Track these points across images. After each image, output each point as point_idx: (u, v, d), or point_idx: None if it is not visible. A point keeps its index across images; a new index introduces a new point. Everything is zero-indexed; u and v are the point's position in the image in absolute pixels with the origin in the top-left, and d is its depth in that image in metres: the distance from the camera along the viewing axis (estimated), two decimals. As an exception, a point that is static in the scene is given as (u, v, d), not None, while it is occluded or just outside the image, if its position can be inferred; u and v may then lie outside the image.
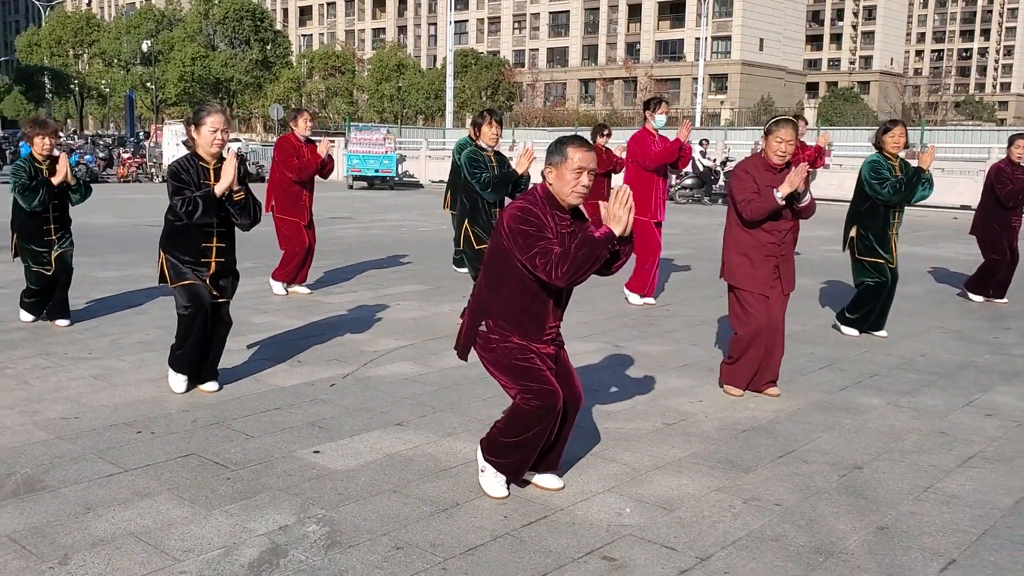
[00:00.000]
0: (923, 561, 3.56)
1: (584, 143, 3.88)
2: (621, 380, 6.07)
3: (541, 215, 3.82)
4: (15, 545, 3.52)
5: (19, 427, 4.86)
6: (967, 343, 7.46)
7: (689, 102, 70.61)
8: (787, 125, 5.56)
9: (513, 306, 3.93)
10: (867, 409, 5.55)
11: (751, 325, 5.64)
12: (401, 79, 70.26)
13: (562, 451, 4.23)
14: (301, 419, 5.12)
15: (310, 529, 3.72)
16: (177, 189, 5.22)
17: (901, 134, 7.22)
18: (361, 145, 29.08)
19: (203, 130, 5.30)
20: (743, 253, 5.64)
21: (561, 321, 4.09)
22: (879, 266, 7.32)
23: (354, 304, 8.59)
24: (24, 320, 7.39)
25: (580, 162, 3.79)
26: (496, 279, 3.94)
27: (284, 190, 8.93)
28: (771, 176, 5.54)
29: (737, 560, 3.54)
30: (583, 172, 3.80)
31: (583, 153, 3.81)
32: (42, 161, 7.06)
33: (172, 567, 3.38)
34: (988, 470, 4.56)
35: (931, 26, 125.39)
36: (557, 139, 3.96)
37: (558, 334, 4.11)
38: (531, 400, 3.87)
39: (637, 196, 8.51)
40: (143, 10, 80.00)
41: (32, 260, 7.18)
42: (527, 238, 3.76)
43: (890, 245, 7.31)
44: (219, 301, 5.52)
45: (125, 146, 38.05)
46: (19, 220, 7.18)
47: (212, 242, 5.40)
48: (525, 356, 3.93)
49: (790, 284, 5.72)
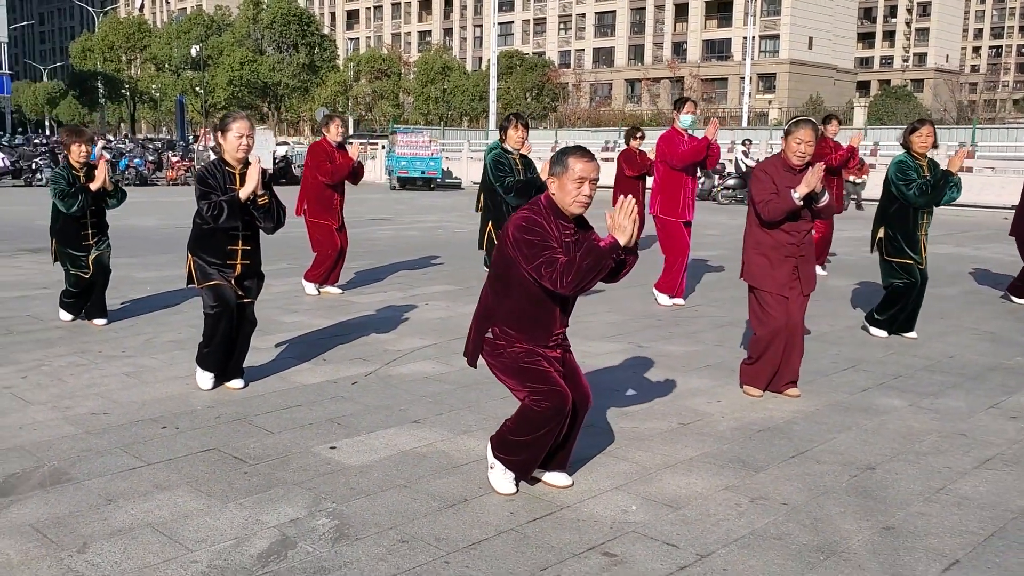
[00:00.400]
0: (926, 561, 3.55)
1: (586, 153, 3.93)
2: (641, 380, 6.10)
3: (545, 224, 3.88)
4: (37, 534, 3.67)
5: (50, 422, 5.04)
6: (998, 345, 7.35)
7: (736, 102, 70.00)
8: (806, 126, 5.55)
9: (519, 313, 3.99)
10: (887, 410, 5.51)
11: (770, 325, 5.64)
12: (446, 81, 70.65)
13: (571, 450, 4.29)
14: (321, 416, 5.24)
15: (320, 522, 3.82)
16: (204, 193, 5.38)
17: (928, 134, 7.14)
18: (408, 148, 29.70)
19: (229, 136, 5.45)
20: (762, 254, 5.64)
21: (567, 327, 4.16)
22: (908, 267, 7.25)
23: (383, 304, 8.72)
24: (63, 319, 7.62)
25: (581, 172, 3.85)
26: (502, 287, 4.01)
27: (316, 194, 9.09)
28: (790, 177, 5.53)
29: (737, 557, 3.57)
30: (584, 182, 3.85)
31: (584, 163, 3.86)
32: (79, 168, 7.27)
33: (184, 556, 3.50)
34: (1005, 472, 4.51)
35: (988, 22, 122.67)
36: (559, 150, 4.02)
37: (564, 338, 4.18)
38: (541, 402, 3.93)
39: (665, 196, 8.64)
40: (193, 15, 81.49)
41: (71, 264, 7.40)
42: (532, 247, 3.82)
43: (919, 246, 7.23)
44: (244, 301, 5.66)
45: (174, 150, 38.80)
46: (58, 225, 7.41)
47: (238, 245, 5.55)
48: (532, 359, 3.99)
49: (810, 285, 5.70)
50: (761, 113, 71.25)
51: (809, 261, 5.70)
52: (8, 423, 5.01)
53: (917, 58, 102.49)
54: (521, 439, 4.03)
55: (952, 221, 19.68)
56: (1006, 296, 9.50)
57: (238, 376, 5.76)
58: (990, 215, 19.96)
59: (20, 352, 6.60)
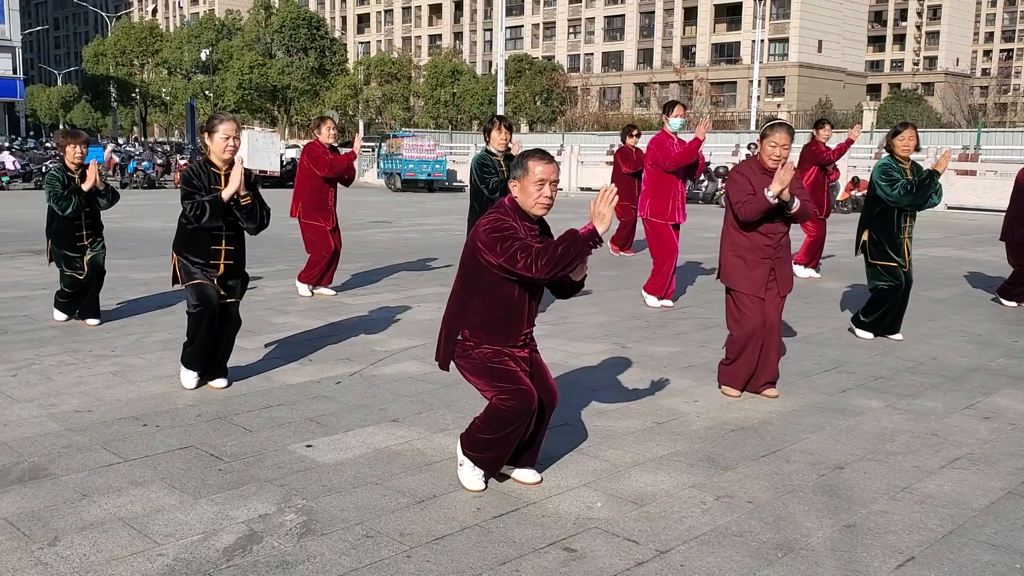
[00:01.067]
0: (881, 558, 3.59)
1: (545, 156, 4.01)
2: (620, 380, 6.16)
3: (512, 222, 3.96)
4: (11, 527, 3.75)
5: (35, 419, 5.13)
6: (983, 347, 7.37)
7: (745, 105, 69.93)
8: (781, 129, 5.61)
9: (488, 314, 4.06)
10: (863, 411, 5.55)
11: (746, 326, 5.69)
12: (456, 85, 70.83)
13: (540, 447, 4.35)
14: (301, 415, 5.31)
15: (288, 518, 3.89)
16: (188, 193, 5.47)
17: (910, 137, 7.18)
18: (415, 151, 30.96)
19: (216, 137, 5.53)
20: (738, 255, 5.70)
21: (534, 327, 4.23)
22: (892, 270, 7.28)
23: (375, 305, 8.79)
24: (57, 319, 7.73)
25: (541, 174, 3.93)
26: (471, 288, 4.08)
27: (309, 195, 9.19)
28: (766, 179, 5.58)
29: (696, 554, 3.62)
30: (545, 184, 3.93)
31: (544, 165, 3.95)
32: (75, 170, 7.37)
33: (152, 550, 3.57)
34: (971, 471, 4.55)
35: (999, 25, 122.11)
36: (520, 153, 4.09)
37: (531, 338, 4.25)
38: (507, 401, 4.00)
39: (656, 199, 8.71)
40: (204, 20, 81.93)
41: (66, 265, 7.50)
42: (503, 241, 3.89)
43: (903, 249, 7.26)
44: (228, 301, 5.73)
45: (182, 152, 39.04)
46: (53, 227, 7.51)
47: (221, 245, 5.63)
48: (499, 359, 4.06)
49: (786, 286, 5.75)
50: (770, 117, 71.03)
51: (785, 263, 5.74)
52: (-7, 420, 5.11)
53: (928, 61, 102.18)
54: (489, 437, 4.09)
55: (953, 224, 19.66)
56: (996, 299, 9.51)
57: (222, 375, 5.84)
58: (993, 218, 19.87)
59: (12, 351, 6.70)
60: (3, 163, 29.27)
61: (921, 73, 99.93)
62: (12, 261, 11.56)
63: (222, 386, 5.78)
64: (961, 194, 22.92)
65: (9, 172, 29.03)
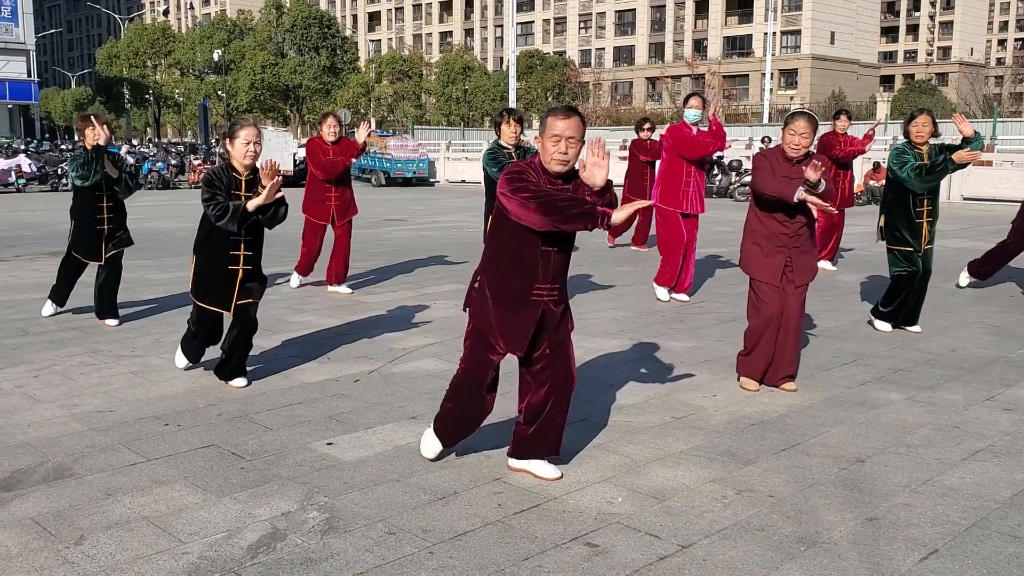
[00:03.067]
0: (904, 551, 3.59)
1: (568, 112, 4.01)
2: (638, 375, 6.16)
3: (533, 174, 3.98)
4: (37, 527, 3.79)
5: (57, 419, 5.18)
6: (1003, 338, 7.34)
7: (758, 98, 69.67)
8: (802, 118, 5.62)
9: (500, 262, 4.10)
10: (883, 404, 5.53)
11: (763, 315, 5.71)
12: (467, 82, 70.81)
13: (558, 436, 4.31)
14: (321, 413, 5.33)
15: (310, 515, 3.91)
16: (210, 195, 5.52)
17: (924, 123, 7.16)
18: (402, 151, 33.69)
19: (236, 143, 5.58)
20: (756, 242, 5.76)
21: (557, 290, 4.13)
22: (908, 255, 7.27)
23: (392, 304, 8.82)
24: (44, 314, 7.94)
25: (557, 130, 3.93)
26: (494, 232, 4.16)
27: (312, 189, 9.40)
28: (788, 167, 5.61)
29: (718, 548, 3.62)
30: (561, 140, 3.93)
31: (563, 121, 3.94)
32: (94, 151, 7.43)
33: (177, 548, 3.60)
34: (993, 464, 4.53)
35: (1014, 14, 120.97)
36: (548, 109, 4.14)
37: (554, 301, 4.15)
38: (460, 369, 4.29)
39: (667, 186, 8.72)
40: (216, 20, 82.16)
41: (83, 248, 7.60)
42: (516, 184, 3.91)
43: (920, 232, 7.25)
44: (246, 302, 5.76)
45: (196, 153, 39.19)
46: (76, 206, 7.62)
47: (240, 250, 5.69)
48: (480, 330, 4.17)
49: (804, 276, 5.73)
50: (783, 109, 70.79)
51: (805, 252, 5.73)
52: (17, 420, 5.15)
53: (941, 52, 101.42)
54: (445, 405, 4.38)
55: (970, 215, 19.54)
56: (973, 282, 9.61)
57: (241, 375, 5.87)
58: (1009, 209, 19.71)
59: (34, 352, 6.75)
60: (19, 165, 29.46)
61: (935, 64, 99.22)
62: (31, 263, 11.65)
63: (241, 385, 5.81)
64: (977, 185, 22.77)
65: (25, 175, 29.21)
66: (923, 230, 7.26)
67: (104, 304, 7.73)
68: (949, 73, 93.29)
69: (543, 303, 4.11)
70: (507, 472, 4.39)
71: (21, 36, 53.43)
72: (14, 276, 10.52)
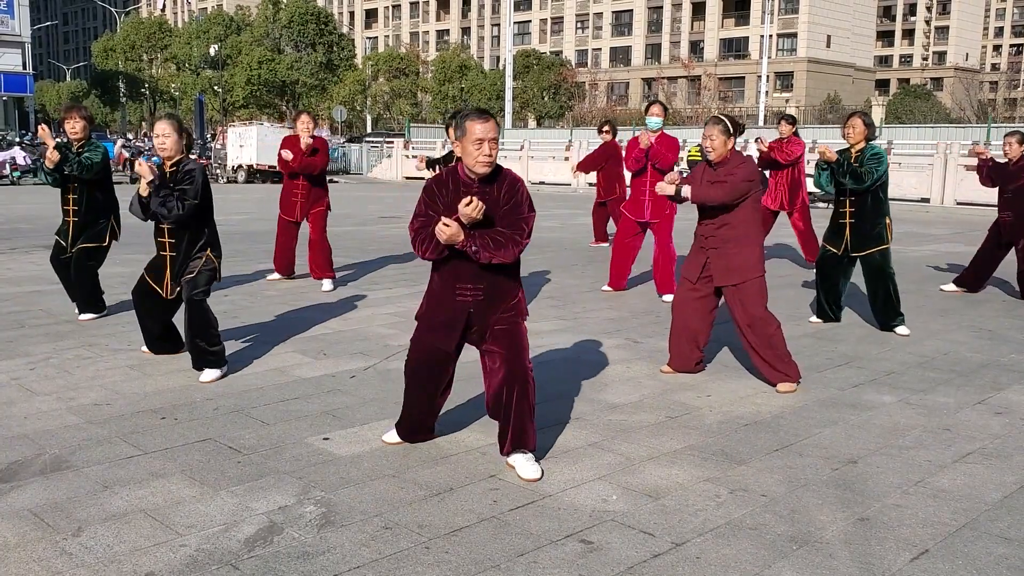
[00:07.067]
0: (895, 551, 3.63)
1: (483, 115, 4.17)
2: (632, 375, 6.19)
3: (438, 190, 4.25)
4: (35, 518, 3.80)
5: (54, 412, 5.19)
6: (995, 342, 7.39)
7: (754, 100, 69.79)
8: (713, 123, 5.89)
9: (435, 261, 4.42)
10: (875, 406, 5.58)
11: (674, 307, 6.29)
12: (464, 80, 70.82)
13: (522, 429, 4.33)
14: (318, 408, 5.36)
15: (307, 509, 3.94)
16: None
17: (851, 124, 7.44)
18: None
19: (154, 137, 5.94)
20: (693, 243, 6.18)
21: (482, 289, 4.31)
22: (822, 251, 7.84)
23: (388, 300, 8.84)
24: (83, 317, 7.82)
25: (479, 133, 4.11)
26: None
27: (283, 187, 9.71)
28: (711, 172, 5.96)
29: (711, 546, 3.66)
30: (483, 142, 4.11)
31: (482, 124, 4.12)
32: (77, 143, 7.43)
33: (174, 541, 3.62)
34: (984, 466, 4.58)
35: (1009, 19, 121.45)
36: (460, 115, 4.29)
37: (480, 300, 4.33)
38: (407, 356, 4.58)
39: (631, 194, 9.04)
40: (213, 15, 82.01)
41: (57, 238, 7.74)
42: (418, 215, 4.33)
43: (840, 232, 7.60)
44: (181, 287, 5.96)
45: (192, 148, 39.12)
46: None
47: (164, 236, 5.98)
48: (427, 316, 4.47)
49: (722, 278, 5.92)
50: (779, 112, 70.95)
51: (722, 255, 5.89)
52: (14, 413, 5.17)
53: (937, 56, 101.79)
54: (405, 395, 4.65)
55: (963, 220, 19.63)
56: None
57: (209, 367, 5.90)
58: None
59: (30, 345, 6.76)
60: (14, 158, 29.40)
61: (930, 68, 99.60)
62: (27, 256, 11.64)
63: (207, 380, 5.83)
64: (971, 190, 22.83)
65: (20, 167, 29.14)
66: (845, 230, 7.55)
67: (78, 298, 7.71)
68: (944, 78, 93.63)
69: (467, 302, 4.35)
70: (502, 469, 4.42)
71: (17, 28, 53.23)
72: (9, 269, 10.51)
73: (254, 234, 14.26)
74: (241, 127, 35.16)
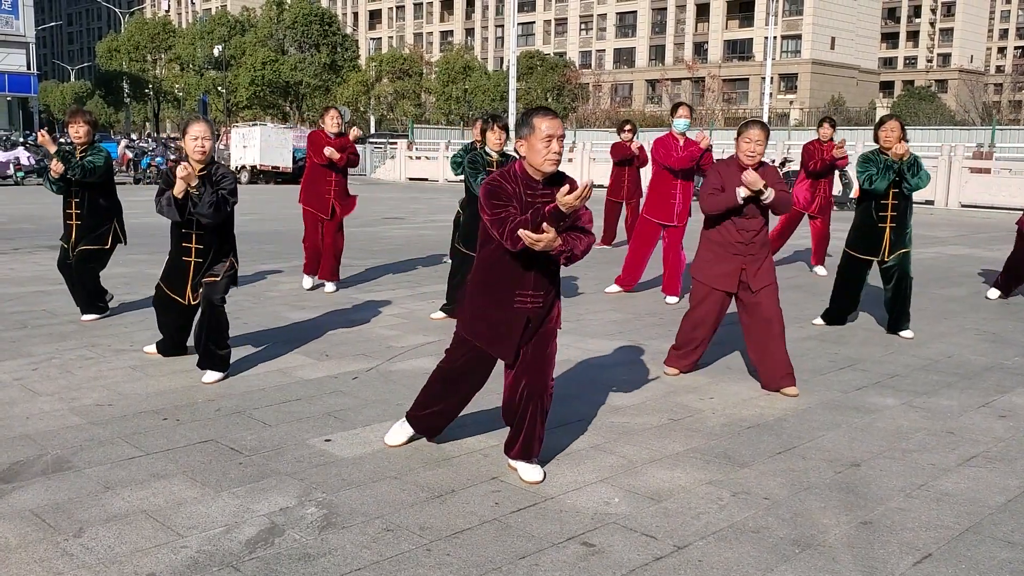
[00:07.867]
0: (899, 554, 3.61)
1: (549, 112, 4.10)
2: (636, 377, 6.18)
3: (511, 187, 4.07)
4: (36, 519, 3.80)
5: (56, 412, 5.19)
6: (999, 345, 7.37)
7: (758, 102, 69.76)
8: (755, 126, 5.82)
9: (483, 269, 4.23)
10: (879, 409, 5.56)
11: (693, 318, 6.10)
12: (467, 81, 70.81)
13: (531, 440, 4.32)
14: (319, 409, 5.35)
15: (308, 511, 3.93)
16: (161, 190, 5.76)
17: (891, 128, 7.25)
18: None
19: (187, 139, 5.76)
20: (710, 249, 5.96)
21: (541, 297, 4.21)
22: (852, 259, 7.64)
23: (390, 302, 8.84)
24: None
25: (548, 130, 4.01)
26: (481, 243, 4.26)
27: (310, 183, 9.41)
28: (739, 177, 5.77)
29: (714, 549, 3.65)
30: (552, 139, 4.02)
31: (549, 121, 4.03)
32: (80, 148, 7.41)
33: (175, 542, 3.62)
34: (987, 469, 4.56)
35: (1014, 22, 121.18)
36: (523, 112, 4.19)
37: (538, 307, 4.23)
38: (442, 362, 4.50)
39: (654, 197, 8.80)
40: (217, 16, 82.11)
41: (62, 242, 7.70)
42: (494, 206, 4.03)
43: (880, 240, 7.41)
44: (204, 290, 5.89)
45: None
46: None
47: (192, 242, 5.89)
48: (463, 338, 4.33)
49: (759, 281, 5.84)
50: (782, 114, 70.93)
51: (759, 259, 5.85)
52: (16, 413, 5.17)
53: (941, 58, 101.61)
54: (424, 394, 4.59)
55: (968, 222, 19.59)
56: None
57: (213, 369, 5.90)
58: (1007, 216, 19.80)
59: (33, 346, 6.77)
60: (18, 158, 29.44)
61: (935, 70, 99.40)
62: (30, 256, 11.65)
63: (210, 381, 5.83)
64: (975, 192, 22.82)
65: (24, 168, 29.19)
66: (885, 237, 7.38)
67: (77, 298, 7.71)
68: (949, 80, 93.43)
69: (527, 310, 4.19)
70: (504, 471, 4.41)
71: (21, 29, 53.32)
72: (12, 269, 10.52)
73: (257, 234, 14.25)
74: (245, 128, 35.20)
